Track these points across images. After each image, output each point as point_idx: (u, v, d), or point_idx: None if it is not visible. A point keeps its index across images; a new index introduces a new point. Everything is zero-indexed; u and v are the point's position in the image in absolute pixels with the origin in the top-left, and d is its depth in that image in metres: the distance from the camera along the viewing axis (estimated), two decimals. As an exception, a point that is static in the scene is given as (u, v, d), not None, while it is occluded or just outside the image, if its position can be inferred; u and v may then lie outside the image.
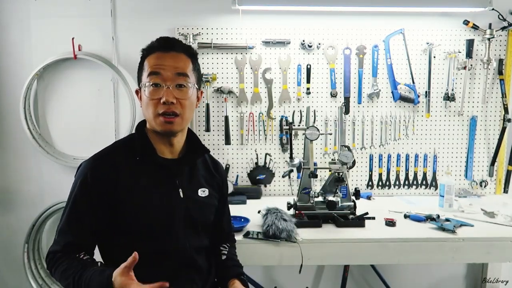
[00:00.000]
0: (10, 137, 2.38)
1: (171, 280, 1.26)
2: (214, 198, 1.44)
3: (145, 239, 1.26)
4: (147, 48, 1.30)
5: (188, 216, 1.32)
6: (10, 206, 2.44)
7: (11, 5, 2.29)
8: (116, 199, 1.23)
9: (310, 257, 1.67)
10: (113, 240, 1.28)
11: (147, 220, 1.26)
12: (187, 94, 1.27)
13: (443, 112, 2.46)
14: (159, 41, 1.30)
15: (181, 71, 1.26)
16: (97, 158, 1.28)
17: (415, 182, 2.49)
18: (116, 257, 1.27)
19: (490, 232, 1.80)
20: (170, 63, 1.26)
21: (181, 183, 1.32)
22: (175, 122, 1.26)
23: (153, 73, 1.25)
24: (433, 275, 2.61)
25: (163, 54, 1.27)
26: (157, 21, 2.31)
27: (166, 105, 1.24)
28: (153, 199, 1.27)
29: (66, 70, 2.35)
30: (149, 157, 1.29)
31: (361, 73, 2.40)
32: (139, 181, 1.27)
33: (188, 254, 1.31)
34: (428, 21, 2.39)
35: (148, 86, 1.25)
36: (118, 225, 1.25)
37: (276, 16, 2.34)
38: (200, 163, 1.42)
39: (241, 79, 2.37)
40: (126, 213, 1.24)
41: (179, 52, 1.29)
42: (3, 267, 2.48)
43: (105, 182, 1.23)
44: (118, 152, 1.31)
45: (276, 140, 2.43)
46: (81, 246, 1.23)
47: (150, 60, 1.28)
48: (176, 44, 1.31)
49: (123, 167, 1.26)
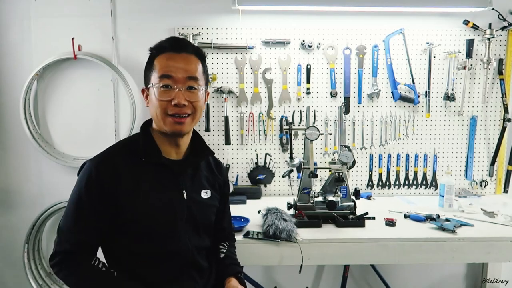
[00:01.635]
0: (10, 137, 2.38)
1: (173, 280, 1.27)
2: (215, 199, 1.44)
3: (147, 240, 1.26)
4: (157, 48, 1.28)
5: (190, 217, 1.32)
6: (10, 206, 2.44)
7: (11, 5, 2.29)
8: (119, 199, 1.23)
9: (310, 257, 1.67)
10: (115, 241, 1.27)
11: (150, 221, 1.26)
12: (197, 97, 1.27)
13: (443, 112, 2.46)
14: (170, 42, 1.29)
15: (192, 75, 1.26)
16: (101, 158, 1.27)
17: (415, 182, 2.49)
18: (118, 257, 1.29)
19: (490, 232, 1.80)
20: (181, 65, 1.25)
21: (184, 184, 1.32)
22: (185, 123, 1.26)
23: (164, 75, 1.23)
24: (433, 275, 2.61)
25: (174, 55, 1.26)
26: (157, 21, 2.31)
27: (178, 107, 1.23)
28: (156, 199, 1.27)
29: (66, 70, 2.35)
30: (153, 158, 1.28)
31: (361, 73, 2.40)
32: (143, 181, 1.26)
33: (190, 255, 1.31)
34: (428, 21, 2.39)
35: (158, 88, 1.24)
36: (121, 225, 1.25)
37: (276, 16, 2.34)
38: (203, 164, 1.42)
39: (241, 79, 2.37)
40: (129, 214, 1.24)
41: (190, 54, 1.28)
42: (3, 267, 2.48)
43: (109, 182, 1.22)
44: (122, 152, 1.30)
45: (276, 140, 2.43)
46: (90, 245, 1.24)
47: (160, 60, 1.26)
48: (188, 45, 1.30)
49: (127, 167, 1.26)
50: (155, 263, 1.27)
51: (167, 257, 1.28)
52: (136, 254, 1.26)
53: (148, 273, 1.26)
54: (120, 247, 1.27)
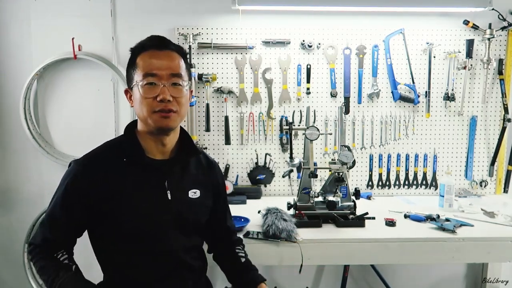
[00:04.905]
0: (10, 137, 2.38)
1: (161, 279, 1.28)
2: (207, 199, 1.42)
3: (132, 240, 1.26)
4: (139, 47, 1.28)
5: (177, 218, 1.31)
6: (10, 206, 2.44)
7: (11, 5, 2.29)
8: (102, 201, 1.23)
9: (310, 257, 1.67)
10: (103, 240, 1.29)
11: (133, 222, 1.26)
12: (182, 92, 1.27)
13: (443, 112, 2.46)
14: (152, 40, 1.29)
15: (176, 71, 1.25)
16: (85, 159, 1.28)
17: (415, 182, 2.49)
18: (108, 257, 1.31)
19: (490, 232, 1.81)
20: (165, 62, 1.25)
21: (170, 185, 1.31)
22: (171, 117, 1.25)
23: (148, 73, 1.23)
24: (433, 275, 2.61)
25: (157, 53, 1.25)
26: (157, 21, 2.31)
27: (163, 103, 1.23)
28: (139, 201, 1.26)
29: (66, 70, 2.35)
30: (137, 158, 1.28)
31: (361, 73, 2.40)
32: (126, 182, 1.26)
33: (177, 255, 1.31)
34: (428, 21, 2.39)
35: (143, 85, 1.23)
36: (106, 225, 1.26)
37: (276, 16, 2.34)
38: (193, 163, 1.40)
39: (241, 79, 2.37)
40: (113, 214, 1.24)
41: (172, 51, 1.28)
42: (3, 267, 2.48)
43: (93, 183, 1.23)
44: (107, 153, 1.30)
45: (276, 140, 2.43)
46: (57, 243, 1.26)
47: (143, 58, 1.25)
48: (169, 43, 1.29)
49: (111, 168, 1.26)
50: (142, 263, 1.28)
51: (153, 257, 1.28)
52: (123, 254, 1.27)
53: (136, 272, 1.28)
54: (108, 246, 1.28)
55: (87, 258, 1.38)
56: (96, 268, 1.33)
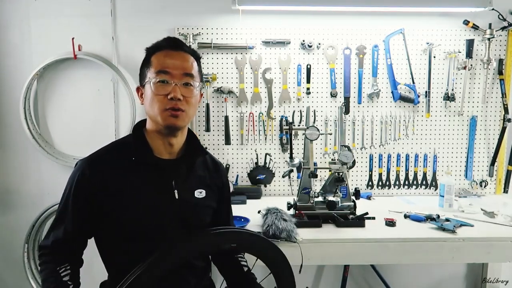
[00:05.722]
0: (10, 137, 2.38)
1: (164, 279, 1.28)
2: (211, 200, 1.42)
3: (137, 239, 1.26)
4: (154, 46, 1.31)
5: (182, 218, 1.31)
6: (10, 206, 2.44)
7: (11, 5, 2.29)
8: (109, 200, 1.24)
9: (310, 257, 1.67)
10: (108, 239, 1.29)
11: (138, 221, 1.26)
12: (192, 93, 1.28)
13: (443, 112, 2.46)
14: (167, 41, 1.31)
15: (189, 72, 1.27)
16: (92, 158, 1.29)
17: (415, 182, 2.49)
18: (112, 256, 1.31)
19: (490, 232, 1.80)
20: (178, 62, 1.27)
21: (176, 184, 1.32)
22: (179, 117, 1.26)
23: (161, 71, 1.25)
24: (433, 275, 2.61)
25: (172, 53, 1.28)
26: (157, 21, 2.31)
27: (173, 102, 1.24)
28: (146, 200, 1.27)
29: (66, 70, 2.35)
30: (144, 157, 1.29)
31: (361, 73, 2.40)
32: (133, 181, 1.27)
33: None
34: (428, 21, 2.39)
35: (155, 82, 1.25)
36: (112, 225, 1.26)
37: (276, 16, 2.34)
38: (199, 164, 1.41)
39: (241, 79, 2.37)
40: (118, 214, 1.25)
41: (186, 52, 1.30)
42: (3, 267, 2.48)
43: (99, 182, 1.24)
44: (114, 153, 1.31)
45: (276, 140, 2.43)
46: (68, 245, 1.26)
47: (158, 57, 1.28)
48: (184, 45, 1.32)
49: (118, 167, 1.27)
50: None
51: None
52: (127, 253, 1.26)
53: None
54: (112, 246, 1.29)
55: (89, 258, 1.37)
56: (97, 268, 1.33)
